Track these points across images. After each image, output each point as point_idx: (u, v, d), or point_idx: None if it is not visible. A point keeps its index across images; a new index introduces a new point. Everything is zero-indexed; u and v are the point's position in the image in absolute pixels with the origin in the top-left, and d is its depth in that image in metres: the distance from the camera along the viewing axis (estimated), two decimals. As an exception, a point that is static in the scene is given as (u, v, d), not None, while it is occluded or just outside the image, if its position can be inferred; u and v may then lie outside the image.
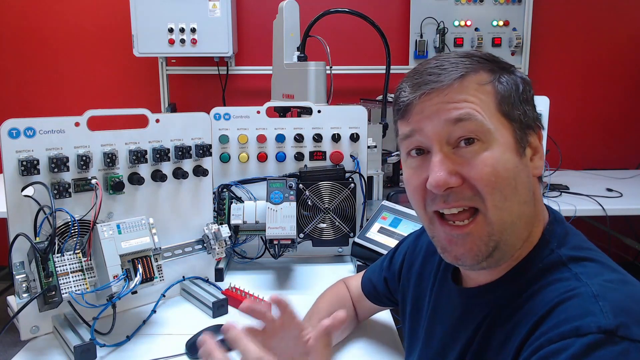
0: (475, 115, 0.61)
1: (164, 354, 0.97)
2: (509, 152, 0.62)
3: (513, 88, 0.64)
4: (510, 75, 0.65)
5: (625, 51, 3.08)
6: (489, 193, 0.61)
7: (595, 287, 0.56)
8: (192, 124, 1.19)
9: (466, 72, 0.63)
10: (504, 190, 0.61)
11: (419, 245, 0.89)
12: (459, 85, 0.62)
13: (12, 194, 0.96)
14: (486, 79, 0.63)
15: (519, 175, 0.62)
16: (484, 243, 0.62)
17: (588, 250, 0.64)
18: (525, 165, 0.64)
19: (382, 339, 1.03)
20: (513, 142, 0.62)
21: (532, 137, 0.65)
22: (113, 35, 2.98)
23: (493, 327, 0.64)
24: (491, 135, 0.61)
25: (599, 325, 0.52)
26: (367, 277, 1.01)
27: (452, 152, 0.62)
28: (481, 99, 0.62)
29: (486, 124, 0.61)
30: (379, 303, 1.00)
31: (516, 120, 0.63)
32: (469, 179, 0.61)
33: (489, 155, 0.61)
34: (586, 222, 2.58)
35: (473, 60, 0.64)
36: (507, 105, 0.63)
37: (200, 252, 1.22)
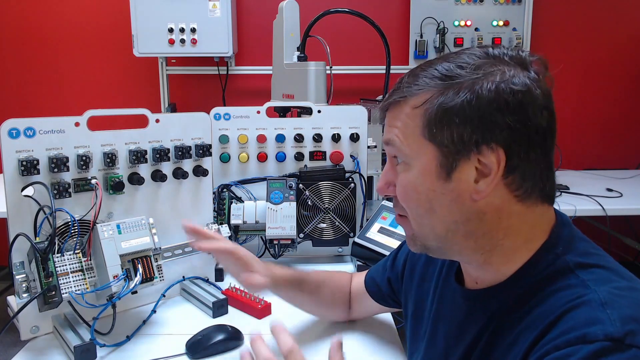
0: (395, 140, 0.66)
1: (164, 354, 0.97)
2: (425, 176, 0.64)
3: (454, 108, 0.60)
4: (461, 92, 0.60)
5: (625, 51, 3.08)
6: (407, 208, 0.68)
7: (603, 295, 0.56)
8: (192, 124, 1.19)
9: (407, 95, 0.65)
10: (417, 210, 0.66)
11: None
12: (396, 109, 0.67)
13: (12, 194, 0.96)
14: (421, 101, 0.63)
15: (436, 198, 0.64)
16: (412, 239, 0.70)
17: (596, 256, 0.63)
18: (451, 190, 0.62)
19: (383, 339, 1.03)
20: (434, 166, 0.63)
21: (467, 161, 0.61)
22: (113, 35, 2.98)
23: (500, 330, 0.64)
24: (411, 159, 0.65)
25: (606, 333, 0.52)
26: (370, 277, 1.01)
27: (395, 166, 0.69)
28: (407, 123, 0.65)
29: (404, 149, 0.65)
30: (383, 303, 1.00)
31: (442, 145, 0.62)
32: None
33: (404, 177, 0.66)
34: (586, 222, 2.58)
35: (430, 74, 0.63)
36: (433, 129, 0.62)
37: (200, 252, 1.21)
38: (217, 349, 0.97)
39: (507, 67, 0.61)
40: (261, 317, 1.11)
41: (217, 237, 0.98)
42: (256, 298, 1.14)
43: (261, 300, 1.13)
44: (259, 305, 1.12)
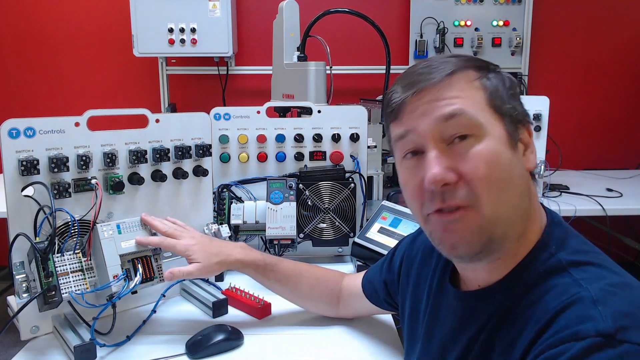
0: (467, 111, 0.62)
1: (164, 354, 0.97)
2: (502, 145, 0.63)
3: (500, 84, 0.66)
4: (496, 73, 0.67)
5: (625, 51, 3.08)
6: (485, 187, 0.61)
7: (595, 292, 0.56)
8: (192, 124, 1.19)
9: (455, 69, 0.64)
10: (499, 182, 0.61)
11: (415, 248, 0.89)
12: (449, 83, 0.63)
13: (12, 194, 0.96)
14: (474, 75, 0.65)
15: (514, 167, 0.63)
16: (477, 232, 0.62)
17: (589, 254, 0.64)
18: (519, 159, 0.65)
19: (383, 339, 1.03)
20: (505, 136, 0.64)
21: (522, 132, 0.67)
22: (113, 35, 2.98)
23: (496, 331, 0.64)
24: (484, 129, 0.62)
25: (598, 330, 0.52)
26: (367, 279, 1.01)
27: (446, 148, 0.63)
28: (471, 94, 0.63)
29: (478, 118, 0.62)
30: (380, 306, 1.00)
31: (506, 115, 0.64)
32: (465, 174, 0.61)
33: (483, 148, 0.62)
34: (586, 222, 2.58)
35: (460, 59, 0.67)
36: (497, 100, 0.64)
37: (200, 252, 1.21)
38: (217, 349, 0.97)
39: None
40: (261, 317, 1.11)
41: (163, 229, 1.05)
42: (256, 298, 1.14)
43: (261, 300, 1.13)
44: (259, 305, 1.12)
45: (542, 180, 2.20)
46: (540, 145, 2.17)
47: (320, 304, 1.09)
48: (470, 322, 0.68)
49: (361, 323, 1.08)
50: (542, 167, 2.07)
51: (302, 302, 1.11)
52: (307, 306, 1.11)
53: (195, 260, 1.01)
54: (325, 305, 1.09)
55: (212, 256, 1.03)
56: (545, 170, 2.10)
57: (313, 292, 1.08)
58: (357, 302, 1.04)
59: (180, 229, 1.08)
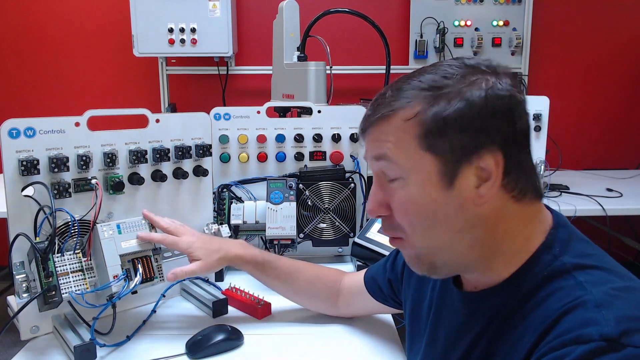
0: (390, 155, 0.64)
1: (164, 354, 0.97)
2: (426, 188, 0.63)
3: (450, 117, 0.61)
4: (450, 102, 0.61)
5: (625, 51, 3.08)
6: (408, 228, 0.66)
7: (599, 296, 0.56)
8: (192, 124, 1.19)
9: (395, 109, 0.64)
10: (420, 225, 0.65)
11: None
12: (386, 122, 0.65)
13: (12, 194, 0.96)
14: (413, 113, 0.62)
15: (441, 208, 0.63)
16: (416, 259, 0.68)
17: (594, 257, 0.63)
18: (457, 197, 0.62)
19: (383, 338, 1.03)
20: (435, 176, 0.62)
21: (469, 167, 0.62)
22: (113, 35, 2.98)
23: (499, 332, 0.64)
24: (408, 172, 0.64)
25: (601, 333, 0.52)
26: (370, 277, 1.01)
27: (385, 183, 0.67)
28: (400, 137, 0.63)
29: (400, 163, 0.64)
30: (385, 303, 1.00)
31: (442, 153, 0.62)
32: (393, 212, 0.66)
33: (403, 194, 0.64)
34: (586, 222, 2.58)
35: (414, 86, 0.64)
36: (430, 138, 0.62)
37: (200, 252, 1.21)
38: (217, 349, 0.97)
39: (488, 76, 0.63)
40: (261, 317, 1.11)
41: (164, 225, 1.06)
42: (256, 298, 1.14)
43: (261, 300, 1.13)
44: (259, 305, 1.12)
45: (542, 180, 2.20)
46: (540, 145, 2.17)
47: (318, 301, 1.09)
48: (473, 323, 0.68)
49: (361, 322, 1.08)
50: (542, 167, 2.07)
51: (301, 300, 1.11)
52: (306, 303, 1.12)
53: (197, 257, 1.02)
54: (323, 302, 1.09)
55: (213, 253, 1.04)
56: (545, 170, 2.10)
57: (311, 289, 1.09)
58: (358, 300, 1.04)
59: (181, 226, 1.08)
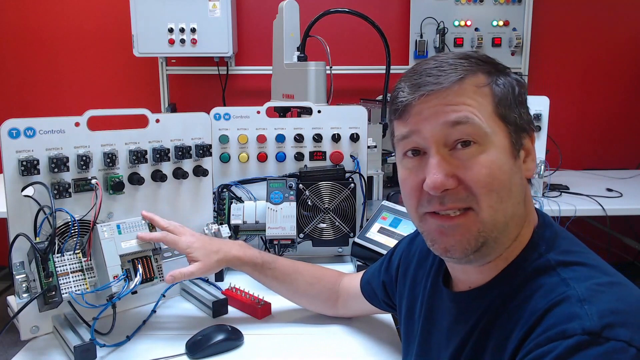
0: (473, 118, 0.62)
1: (164, 354, 0.97)
2: (505, 155, 0.63)
3: (509, 90, 0.65)
4: (507, 78, 0.66)
5: (625, 51, 3.08)
6: (484, 195, 0.61)
7: (582, 291, 0.57)
8: (192, 124, 1.19)
9: (465, 74, 0.63)
10: (499, 192, 0.62)
11: (412, 249, 0.89)
12: (457, 88, 0.63)
13: (12, 194, 0.96)
14: (484, 81, 0.64)
15: (514, 177, 0.63)
16: (474, 237, 0.63)
17: (578, 254, 0.64)
18: (519, 168, 0.65)
19: (382, 339, 1.03)
20: (508, 145, 0.63)
21: (525, 139, 0.66)
22: (113, 35, 2.98)
23: (487, 331, 0.65)
24: (488, 138, 0.62)
25: (584, 327, 0.53)
26: (366, 280, 1.01)
27: (448, 154, 0.63)
28: (479, 101, 0.63)
29: (483, 127, 0.62)
30: (378, 307, 1.00)
31: (512, 123, 0.64)
32: (465, 181, 0.62)
33: (486, 158, 0.62)
34: (586, 222, 2.58)
35: (471, 62, 0.65)
36: (504, 108, 0.64)
37: (200, 252, 1.21)
38: (217, 349, 0.97)
39: None
40: (261, 317, 1.11)
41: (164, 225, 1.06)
42: (256, 298, 1.14)
43: (261, 300, 1.13)
44: (259, 305, 1.12)
45: (542, 180, 2.20)
46: (540, 145, 2.17)
47: (318, 302, 1.09)
48: (462, 323, 0.69)
49: (361, 322, 1.08)
50: (542, 167, 2.07)
51: (300, 300, 1.12)
52: (305, 304, 1.12)
53: (196, 258, 1.02)
54: (323, 303, 1.09)
55: (212, 254, 1.03)
56: (545, 170, 2.10)
57: (311, 290, 1.09)
58: (356, 302, 1.04)
59: (180, 227, 1.08)
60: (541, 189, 2.21)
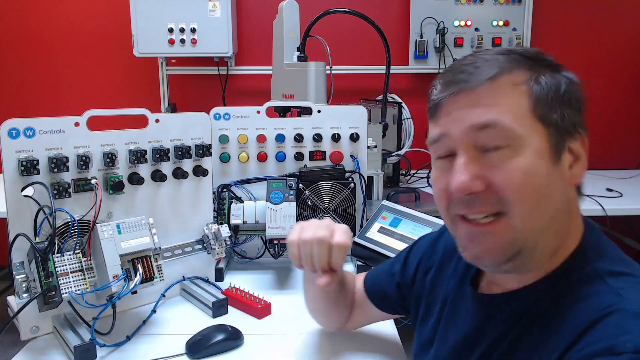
0: (502, 122, 0.58)
1: (164, 354, 0.97)
2: (541, 159, 0.58)
3: (552, 89, 0.59)
4: (553, 75, 0.61)
5: (625, 51, 3.08)
6: (516, 200, 0.58)
7: (636, 305, 0.53)
8: (192, 124, 1.19)
9: (499, 71, 0.59)
10: (532, 198, 0.58)
11: (436, 250, 0.85)
12: (489, 87, 0.59)
13: (12, 194, 0.96)
14: (521, 79, 0.59)
15: (552, 183, 0.59)
16: (507, 245, 0.59)
17: (627, 264, 0.61)
18: (560, 173, 0.60)
19: (383, 339, 1.03)
20: (547, 148, 0.59)
21: (572, 142, 0.61)
22: (113, 35, 2.98)
23: (522, 338, 0.61)
24: (521, 140, 0.58)
25: (636, 345, 0.49)
26: (372, 283, 0.96)
27: (479, 155, 0.59)
28: (513, 102, 0.58)
29: (515, 130, 0.57)
30: (388, 310, 0.95)
31: (552, 125, 0.59)
32: (495, 184, 0.58)
33: (519, 161, 0.57)
34: (586, 222, 2.57)
35: (511, 57, 0.61)
36: (543, 107, 0.59)
37: (200, 252, 1.22)
38: (217, 349, 0.97)
39: None
40: (261, 317, 1.11)
41: None
42: (256, 298, 1.14)
43: (261, 300, 1.13)
44: (259, 305, 1.12)
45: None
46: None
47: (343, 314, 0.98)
48: (491, 327, 0.66)
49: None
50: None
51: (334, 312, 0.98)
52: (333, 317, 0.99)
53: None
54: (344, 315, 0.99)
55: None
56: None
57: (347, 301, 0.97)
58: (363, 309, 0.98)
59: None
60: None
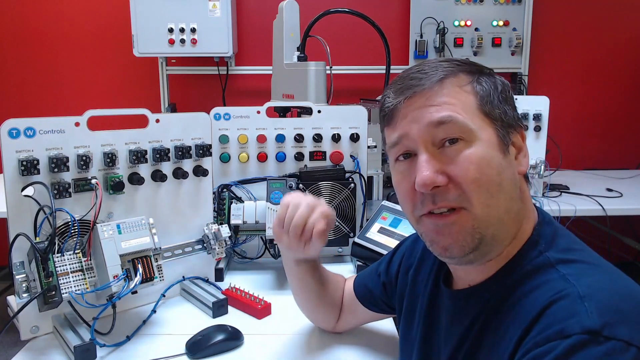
0: (456, 117, 0.63)
1: (164, 354, 0.97)
2: (493, 150, 0.64)
3: (492, 88, 0.66)
4: (489, 77, 0.68)
5: (625, 51, 3.08)
6: (474, 191, 0.62)
7: (582, 288, 0.56)
8: (192, 124, 1.19)
9: (445, 75, 0.65)
10: (489, 187, 0.62)
11: (415, 249, 0.88)
12: (439, 88, 0.64)
13: (12, 194, 0.96)
14: (465, 81, 0.66)
15: (504, 172, 0.64)
16: (470, 234, 0.63)
17: (578, 252, 0.64)
18: (510, 163, 0.65)
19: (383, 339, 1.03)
20: (496, 140, 0.64)
21: (514, 136, 0.67)
22: (113, 35, 2.98)
23: (484, 329, 0.65)
24: (474, 134, 0.63)
25: (583, 326, 0.52)
26: (360, 283, 0.99)
27: (437, 152, 0.64)
28: (462, 100, 0.64)
29: (468, 124, 0.63)
30: (375, 309, 0.97)
31: (497, 119, 0.65)
32: (455, 177, 0.63)
33: (473, 152, 0.63)
34: (586, 222, 2.58)
35: (452, 63, 0.67)
36: (488, 104, 0.65)
37: (200, 252, 1.22)
38: (217, 349, 0.97)
39: None
40: (261, 317, 1.11)
41: None
42: (256, 298, 1.14)
43: (261, 300, 1.13)
44: (259, 305, 1.12)
45: (542, 180, 2.20)
46: (540, 145, 2.17)
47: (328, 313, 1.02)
48: (460, 321, 0.69)
49: (361, 323, 1.08)
50: (542, 167, 2.07)
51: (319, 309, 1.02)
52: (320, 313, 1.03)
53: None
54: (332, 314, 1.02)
55: None
56: (545, 170, 2.10)
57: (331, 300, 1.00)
58: (352, 310, 1.00)
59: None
60: (541, 189, 2.21)
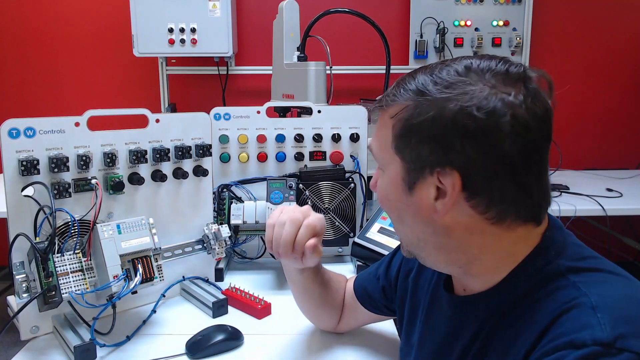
0: (373, 148, 0.69)
1: (164, 354, 0.97)
2: (392, 186, 0.66)
3: (414, 126, 0.60)
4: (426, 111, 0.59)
5: (625, 51, 3.08)
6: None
7: (594, 298, 0.55)
8: (192, 124, 1.19)
9: (386, 105, 0.66)
10: (391, 215, 0.70)
11: None
12: (381, 115, 0.68)
13: (12, 194, 0.96)
14: (395, 112, 0.63)
15: (404, 210, 0.66)
16: (405, 248, 0.72)
17: (590, 260, 0.62)
18: (413, 204, 0.64)
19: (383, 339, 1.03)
20: (399, 178, 0.65)
21: (430, 178, 0.60)
22: (113, 35, 2.98)
23: (492, 336, 0.63)
24: (385, 166, 0.67)
25: (595, 338, 0.51)
26: (360, 285, 0.98)
27: None
28: (383, 133, 0.66)
29: (380, 157, 0.68)
30: (377, 312, 0.96)
31: (406, 160, 0.63)
32: None
33: (380, 183, 0.70)
34: (586, 222, 2.58)
35: (407, 88, 0.63)
36: (402, 142, 0.62)
37: (200, 252, 1.22)
38: (217, 349, 0.97)
39: (483, 86, 0.57)
40: (261, 317, 1.11)
41: None
42: (256, 298, 1.14)
43: (261, 300, 1.13)
44: (259, 305, 1.12)
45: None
46: (540, 145, 2.16)
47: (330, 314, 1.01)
48: (465, 327, 0.68)
49: (361, 323, 1.08)
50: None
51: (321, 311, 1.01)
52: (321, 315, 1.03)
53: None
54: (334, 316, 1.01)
55: None
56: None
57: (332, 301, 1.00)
58: (354, 311, 0.99)
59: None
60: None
